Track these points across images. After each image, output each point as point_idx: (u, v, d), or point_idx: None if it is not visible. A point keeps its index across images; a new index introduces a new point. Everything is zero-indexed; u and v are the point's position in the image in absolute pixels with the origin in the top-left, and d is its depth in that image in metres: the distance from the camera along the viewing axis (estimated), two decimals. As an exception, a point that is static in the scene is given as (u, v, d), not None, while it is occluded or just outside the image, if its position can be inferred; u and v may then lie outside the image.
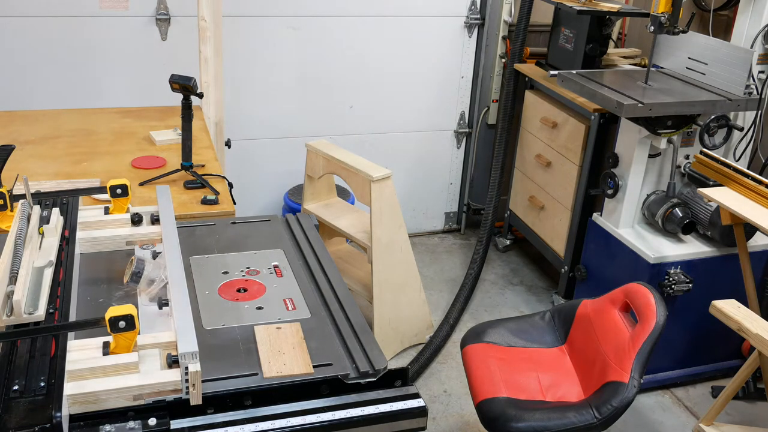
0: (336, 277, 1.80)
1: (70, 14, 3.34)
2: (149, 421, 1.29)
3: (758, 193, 2.54)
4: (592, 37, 3.41)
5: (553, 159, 3.57)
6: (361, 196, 3.07)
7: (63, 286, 1.65)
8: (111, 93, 3.50)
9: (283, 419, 1.36)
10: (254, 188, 3.93)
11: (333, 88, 3.91)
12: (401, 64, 3.97)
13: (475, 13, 3.99)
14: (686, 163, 2.98)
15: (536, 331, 2.44)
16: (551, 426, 1.99)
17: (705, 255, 2.94)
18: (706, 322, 2.66)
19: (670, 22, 2.81)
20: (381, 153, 4.01)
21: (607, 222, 3.17)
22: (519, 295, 3.82)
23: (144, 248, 1.77)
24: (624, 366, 2.04)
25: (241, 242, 1.95)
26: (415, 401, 1.44)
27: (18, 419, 1.21)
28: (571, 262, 3.46)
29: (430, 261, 4.12)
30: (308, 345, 1.52)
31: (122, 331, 1.33)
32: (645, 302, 2.13)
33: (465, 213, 4.44)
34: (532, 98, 3.75)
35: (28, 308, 1.49)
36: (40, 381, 1.29)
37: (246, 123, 3.78)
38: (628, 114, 2.78)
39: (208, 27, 2.97)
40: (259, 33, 3.66)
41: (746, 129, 3.03)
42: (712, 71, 2.99)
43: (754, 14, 2.91)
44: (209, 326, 1.57)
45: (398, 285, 3.17)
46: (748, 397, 2.99)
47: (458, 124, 4.23)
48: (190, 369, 1.30)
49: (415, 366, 3.12)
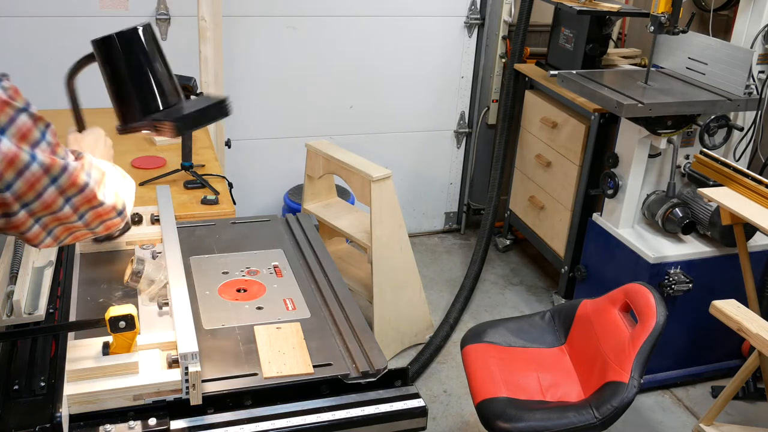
0: (336, 277, 1.80)
1: (70, 14, 3.34)
2: (149, 421, 1.29)
3: (758, 193, 2.54)
4: (592, 37, 3.41)
5: (553, 159, 3.57)
6: (361, 196, 3.07)
7: (63, 286, 1.65)
8: (111, 93, 3.50)
9: (283, 419, 1.36)
10: (254, 188, 3.93)
11: (333, 88, 3.91)
12: (401, 64, 3.97)
13: (475, 13, 3.99)
14: (686, 163, 2.98)
15: (536, 331, 2.44)
16: (551, 426, 1.99)
17: (705, 255, 2.94)
18: (706, 322, 2.65)
19: (670, 22, 2.81)
20: (381, 153, 4.01)
21: (607, 222, 3.16)
22: (519, 295, 3.82)
23: (144, 248, 1.77)
24: (624, 366, 2.04)
25: (241, 242, 1.95)
26: (415, 401, 1.44)
27: (18, 419, 1.21)
28: (571, 262, 3.46)
29: (430, 261, 4.12)
30: (308, 345, 1.52)
31: (122, 331, 1.33)
32: (645, 302, 2.13)
33: (465, 213, 4.44)
34: (532, 98, 3.75)
35: (28, 308, 1.49)
36: (40, 381, 1.29)
37: (246, 123, 3.78)
38: (628, 114, 2.78)
39: (208, 27, 2.97)
40: (259, 33, 3.66)
41: (746, 129, 3.03)
42: (712, 71, 2.99)
43: (754, 14, 2.91)
44: (209, 326, 1.57)
45: (398, 285, 3.17)
46: (748, 397, 2.99)
47: (458, 124, 4.23)
48: (190, 369, 1.30)
49: (415, 366, 3.12)
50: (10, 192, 1.07)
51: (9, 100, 1.03)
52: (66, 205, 1.15)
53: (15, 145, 1.05)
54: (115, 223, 1.28)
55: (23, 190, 1.08)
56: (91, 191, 1.19)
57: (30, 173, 1.08)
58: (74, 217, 1.19)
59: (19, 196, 1.08)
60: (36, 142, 1.09)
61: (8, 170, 1.05)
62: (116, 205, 1.27)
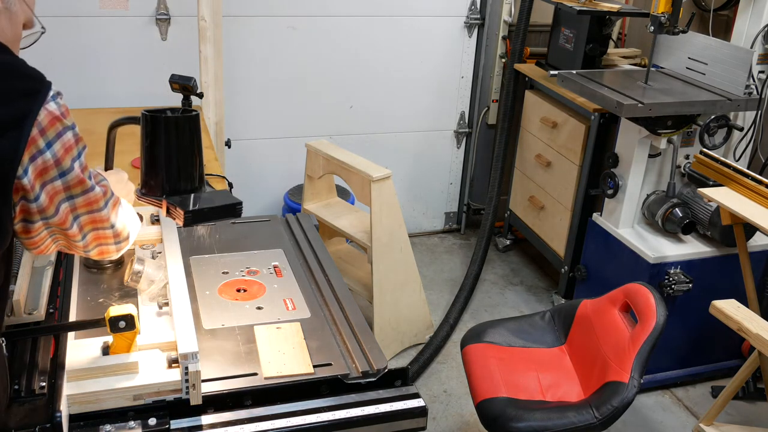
0: (336, 277, 1.80)
1: (70, 14, 3.34)
2: (149, 421, 1.29)
3: (758, 193, 2.54)
4: (592, 37, 3.41)
5: (553, 159, 3.57)
6: (361, 196, 3.07)
7: (63, 286, 1.65)
8: (111, 93, 3.50)
9: (283, 419, 1.36)
10: (254, 188, 3.93)
11: (333, 88, 3.91)
12: (401, 64, 3.97)
13: (475, 13, 3.99)
14: (686, 163, 2.98)
15: (536, 331, 2.44)
16: (551, 426, 1.99)
17: (705, 255, 2.94)
18: (706, 322, 2.66)
19: (670, 22, 2.81)
20: (381, 153, 4.00)
21: (607, 222, 3.16)
22: (519, 295, 3.82)
23: (144, 248, 1.77)
24: (624, 366, 2.04)
25: (241, 242, 1.95)
26: (415, 401, 1.44)
27: (18, 419, 1.22)
28: (571, 262, 3.46)
29: (430, 261, 4.12)
30: (308, 345, 1.52)
31: (122, 331, 1.33)
32: (645, 302, 2.13)
33: (465, 213, 4.44)
34: (532, 98, 3.75)
35: (28, 308, 1.49)
36: (40, 381, 1.29)
37: (246, 123, 3.78)
38: (628, 114, 2.78)
39: (208, 27, 2.97)
40: (259, 33, 3.66)
41: (746, 129, 3.03)
42: (712, 71, 2.99)
43: (754, 14, 2.91)
44: (209, 326, 1.58)
45: (398, 285, 3.17)
46: (748, 397, 2.99)
47: (458, 124, 4.23)
48: (190, 369, 1.30)
49: (415, 366, 3.12)
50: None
51: (61, 117, 1.12)
52: (75, 222, 1.20)
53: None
54: (109, 250, 1.31)
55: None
56: (104, 215, 1.24)
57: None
58: (78, 235, 1.23)
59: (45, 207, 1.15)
60: (73, 159, 1.16)
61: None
62: (121, 232, 1.31)
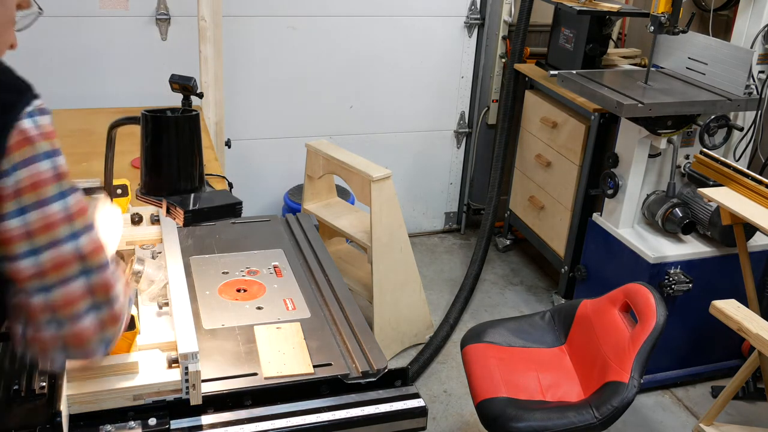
0: (336, 277, 1.80)
1: (70, 14, 3.34)
2: (149, 421, 1.29)
3: (758, 193, 2.54)
4: (592, 37, 3.41)
5: (553, 159, 3.57)
6: (361, 196, 3.07)
7: (63, 286, 1.65)
8: (111, 93, 3.50)
9: (283, 419, 1.36)
10: (254, 188, 3.93)
11: (333, 88, 3.91)
12: (401, 64, 3.96)
13: (475, 13, 3.99)
14: (686, 163, 2.98)
15: (536, 331, 2.44)
16: (551, 426, 1.99)
17: (705, 255, 2.94)
18: (706, 322, 2.65)
19: (670, 22, 2.81)
20: (381, 153, 4.00)
21: (607, 222, 3.16)
22: (519, 295, 3.82)
23: (144, 248, 1.77)
24: (624, 366, 2.04)
25: (241, 242, 1.95)
26: (415, 401, 1.44)
27: (18, 419, 1.21)
28: (571, 262, 3.46)
29: (430, 261, 4.12)
30: (308, 345, 1.52)
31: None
32: (645, 302, 2.13)
33: (465, 213, 4.44)
34: (532, 98, 3.75)
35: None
36: (40, 381, 1.29)
37: (246, 123, 3.78)
38: (628, 114, 2.78)
39: (208, 27, 2.97)
40: (259, 33, 3.66)
41: (746, 129, 3.03)
42: (712, 71, 2.99)
43: (754, 14, 2.91)
44: (209, 326, 1.57)
45: (398, 285, 3.17)
46: (748, 397, 2.99)
47: (458, 124, 4.23)
48: (190, 369, 1.30)
49: (415, 366, 3.12)
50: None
51: (32, 139, 1.01)
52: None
53: None
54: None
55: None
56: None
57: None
58: None
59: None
60: (44, 201, 1.02)
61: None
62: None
